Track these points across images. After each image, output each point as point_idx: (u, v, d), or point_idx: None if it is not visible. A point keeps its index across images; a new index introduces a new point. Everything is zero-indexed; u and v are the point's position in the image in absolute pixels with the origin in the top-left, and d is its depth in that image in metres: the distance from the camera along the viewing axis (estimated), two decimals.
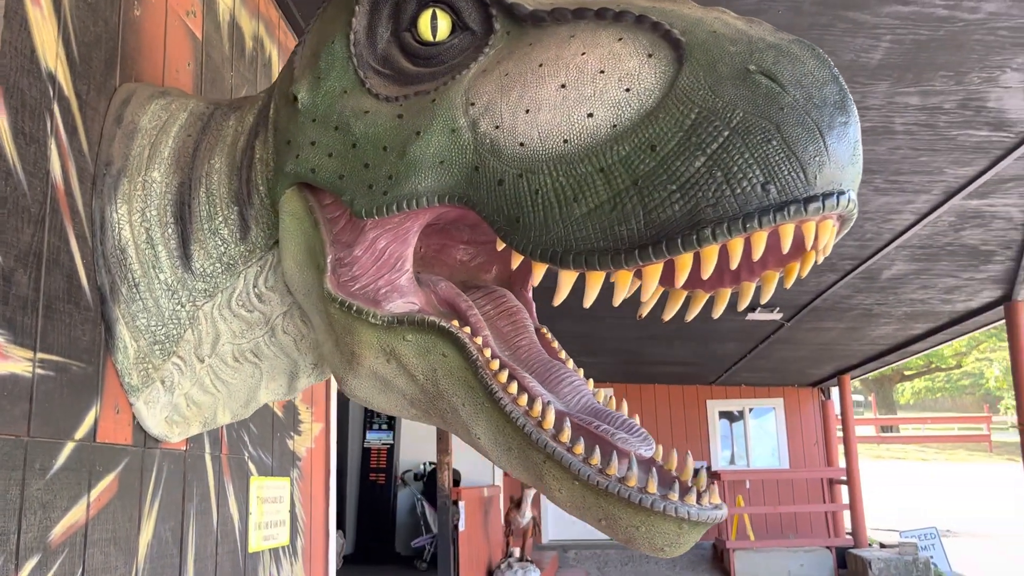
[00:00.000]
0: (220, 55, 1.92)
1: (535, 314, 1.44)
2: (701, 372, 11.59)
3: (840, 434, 12.08)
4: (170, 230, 1.41)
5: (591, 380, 1.30)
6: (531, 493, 8.22)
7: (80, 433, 1.29)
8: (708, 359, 10.14)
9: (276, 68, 2.34)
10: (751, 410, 13.01)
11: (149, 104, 1.47)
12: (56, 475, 1.22)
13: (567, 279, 1.08)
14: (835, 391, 12.87)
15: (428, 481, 8.97)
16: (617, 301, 1.10)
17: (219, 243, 1.41)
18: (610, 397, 1.27)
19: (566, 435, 1.08)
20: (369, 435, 9.48)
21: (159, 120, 1.47)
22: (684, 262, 1.00)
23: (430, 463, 9.18)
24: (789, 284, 1.08)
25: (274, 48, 2.33)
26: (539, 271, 1.12)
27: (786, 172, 0.93)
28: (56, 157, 1.26)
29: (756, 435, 12.99)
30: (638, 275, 1.08)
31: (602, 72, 1.05)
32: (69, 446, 1.26)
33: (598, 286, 1.08)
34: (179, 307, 1.42)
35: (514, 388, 1.14)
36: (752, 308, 6.99)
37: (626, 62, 1.04)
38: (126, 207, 1.39)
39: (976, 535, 15.81)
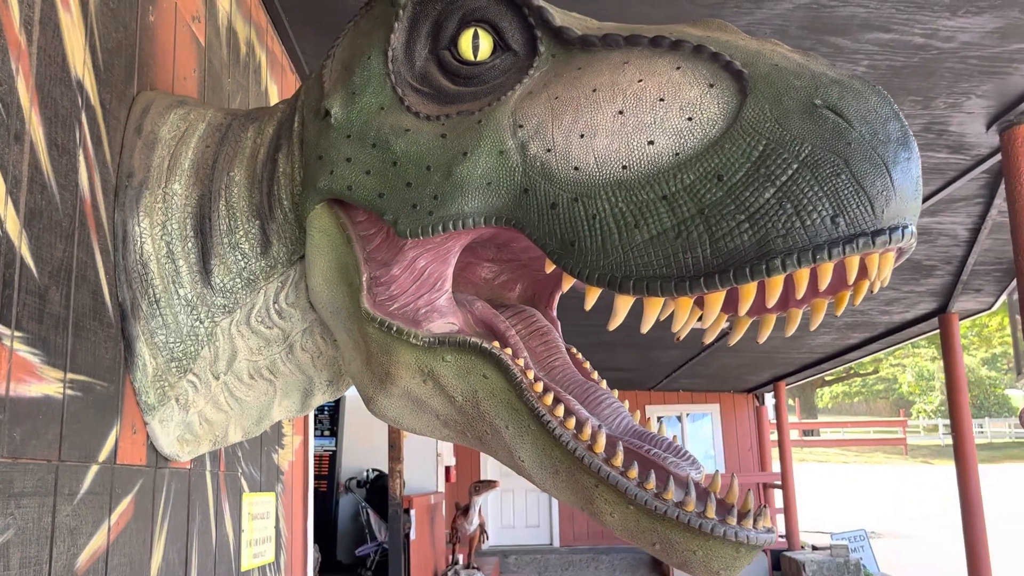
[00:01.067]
0: (220, 61, 1.87)
1: (561, 333, 1.44)
2: (641, 378, 11.76)
3: (774, 437, 12.40)
4: (190, 244, 1.37)
5: (627, 401, 1.32)
6: (479, 500, 8.20)
7: (103, 455, 1.24)
8: (650, 365, 10.29)
9: (265, 74, 2.29)
10: (688, 415, 13.24)
11: (168, 114, 1.43)
12: (82, 500, 1.18)
13: (624, 304, 1.08)
14: (768, 396, 13.22)
15: (372, 488, 8.87)
16: (676, 328, 1.11)
17: (239, 258, 1.38)
18: (648, 418, 1.28)
19: (619, 459, 1.09)
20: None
21: (178, 130, 1.43)
22: (749, 291, 1.01)
23: (374, 470, 9.08)
24: (840, 312, 1.11)
25: (263, 54, 2.28)
26: (592, 295, 1.12)
27: (855, 206, 0.95)
28: (84, 169, 1.21)
29: (692, 440, 13.23)
30: (698, 303, 1.10)
31: (662, 100, 1.06)
32: (94, 469, 1.21)
33: (656, 312, 1.08)
34: (197, 323, 1.38)
35: (560, 411, 1.14)
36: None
37: (687, 91, 1.05)
38: (148, 220, 1.35)
39: (899, 536, 16.42)
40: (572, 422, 1.13)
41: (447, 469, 9.74)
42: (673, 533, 1.06)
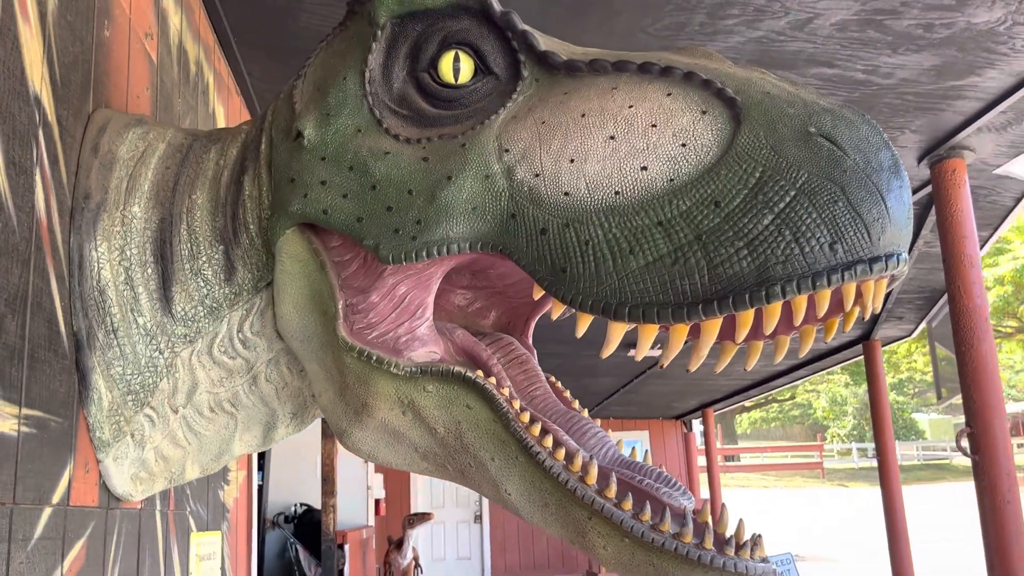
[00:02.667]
0: (171, 80, 1.80)
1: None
2: None
3: (700, 462, 12.56)
4: (150, 270, 1.30)
5: (610, 430, 1.29)
6: (414, 533, 8.04)
7: (57, 496, 1.15)
8: (583, 393, 10.33)
9: (212, 95, 2.21)
10: (619, 442, 13.30)
11: (126, 133, 1.36)
12: (36, 546, 1.08)
13: (617, 332, 1.06)
14: (695, 423, 13.41)
15: (300, 523, 8.60)
16: (669, 359, 1.10)
17: (202, 284, 1.31)
18: (633, 448, 1.27)
19: (612, 490, 1.06)
20: None
21: (136, 150, 1.36)
22: (747, 318, 1.01)
23: (302, 504, 8.81)
24: (829, 338, 1.11)
25: (211, 75, 2.21)
26: (584, 323, 1.09)
27: (852, 233, 0.96)
28: (40, 189, 1.14)
29: None
30: (694, 330, 1.09)
31: (654, 126, 1.05)
32: (47, 512, 1.12)
33: (651, 339, 1.07)
34: (157, 354, 1.30)
35: (549, 442, 1.11)
36: (631, 345, 7.17)
37: (679, 117, 1.05)
38: (106, 244, 1.27)
39: (824, 559, 16.80)
40: (562, 453, 1.10)
41: (377, 502, 9.54)
42: (671, 566, 1.03)
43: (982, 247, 4.41)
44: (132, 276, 1.29)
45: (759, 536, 1.08)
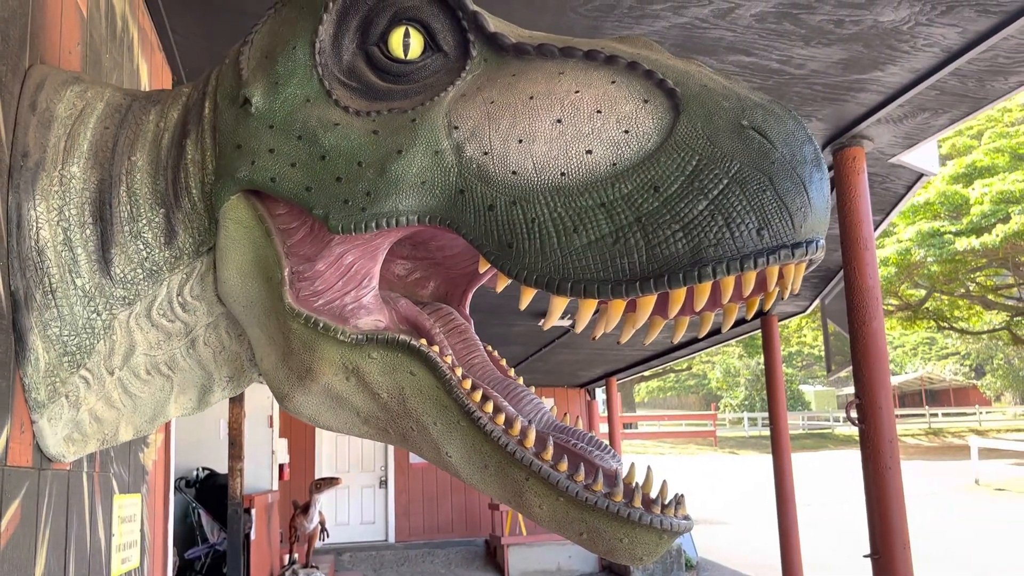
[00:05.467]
0: (99, 36, 1.76)
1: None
2: None
3: (604, 429, 12.92)
4: (88, 231, 1.29)
5: (543, 397, 1.37)
6: (321, 498, 8.02)
7: None
8: None
9: (137, 52, 2.16)
10: (552, 408, 13.52)
11: (64, 90, 1.33)
12: None
13: (559, 305, 1.13)
14: (599, 392, 13.76)
15: (202, 488, 8.45)
16: (608, 329, 1.17)
17: (141, 247, 1.31)
18: (565, 414, 1.34)
19: (549, 453, 1.13)
20: None
21: (75, 109, 1.34)
22: (680, 295, 1.08)
23: (204, 468, 8.66)
24: (751, 315, 1.21)
25: (135, 30, 2.15)
26: (527, 296, 1.16)
27: (777, 220, 1.04)
28: None
29: None
30: (630, 305, 1.16)
31: (599, 112, 1.11)
32: None
33: (590, 313, 1.14)
34: (95, 315, 1.30)
35: (490, 407, 1.17)
36: (541, 314, 7.30)
37: (623, 105, 1.11)
38: (44, 204, 1.25)
39: (713, 522, 17.56)
40: (502, 418, 1.16)
41: (281, 467, 9.47)
42: (601, 523, 1.11)
43: (875, 231, 4.68)
44: (71, 237, 1.27)
45: (681, 496, 1.18)
